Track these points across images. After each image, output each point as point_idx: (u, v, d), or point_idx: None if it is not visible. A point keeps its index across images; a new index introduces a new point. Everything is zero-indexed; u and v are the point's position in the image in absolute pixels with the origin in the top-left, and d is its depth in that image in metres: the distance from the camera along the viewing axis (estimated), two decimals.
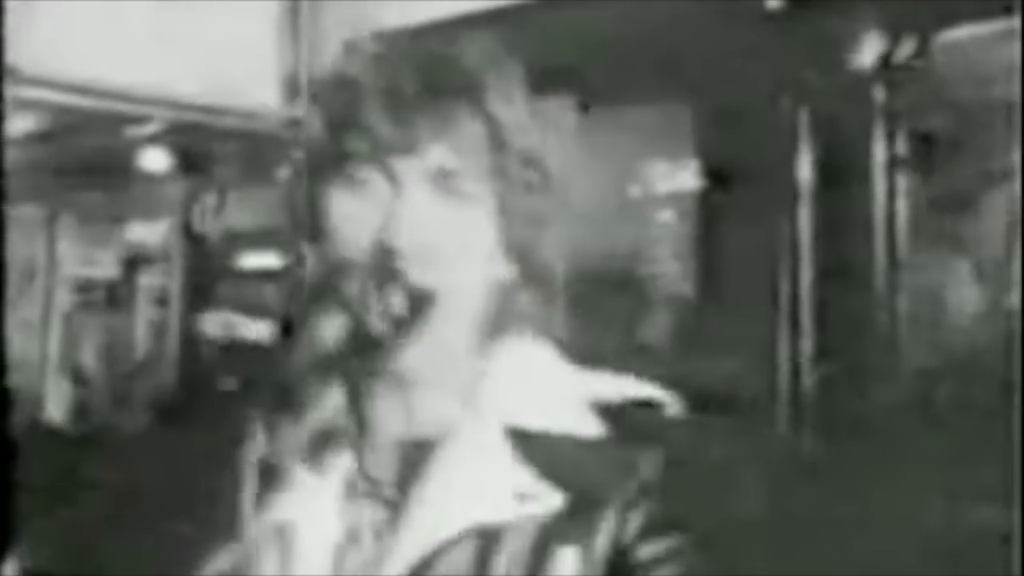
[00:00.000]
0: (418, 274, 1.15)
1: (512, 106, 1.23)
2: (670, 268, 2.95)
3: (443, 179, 1.18)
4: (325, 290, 1.15)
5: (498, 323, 1.26)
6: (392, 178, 1.17)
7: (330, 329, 1.12)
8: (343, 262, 1.16)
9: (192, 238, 5.16)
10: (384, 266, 1.14)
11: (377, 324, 1.14)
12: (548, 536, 1.17)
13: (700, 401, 1.31)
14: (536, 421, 1.23)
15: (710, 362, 2.80)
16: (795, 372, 2.73)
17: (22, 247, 5.51)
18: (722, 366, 2.78)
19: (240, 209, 4.81)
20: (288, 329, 1.18)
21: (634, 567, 1.19)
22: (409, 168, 1.17)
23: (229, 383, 4.25)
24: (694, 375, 2.77)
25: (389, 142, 1.17)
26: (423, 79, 1.19)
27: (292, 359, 1.11)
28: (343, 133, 1.19)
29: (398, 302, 1.15)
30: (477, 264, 1.22)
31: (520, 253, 1.24)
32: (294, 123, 3.35)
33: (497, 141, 1.21)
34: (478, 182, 1.20)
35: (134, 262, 5.46)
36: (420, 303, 1.16)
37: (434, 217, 1.17)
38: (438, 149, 1.18)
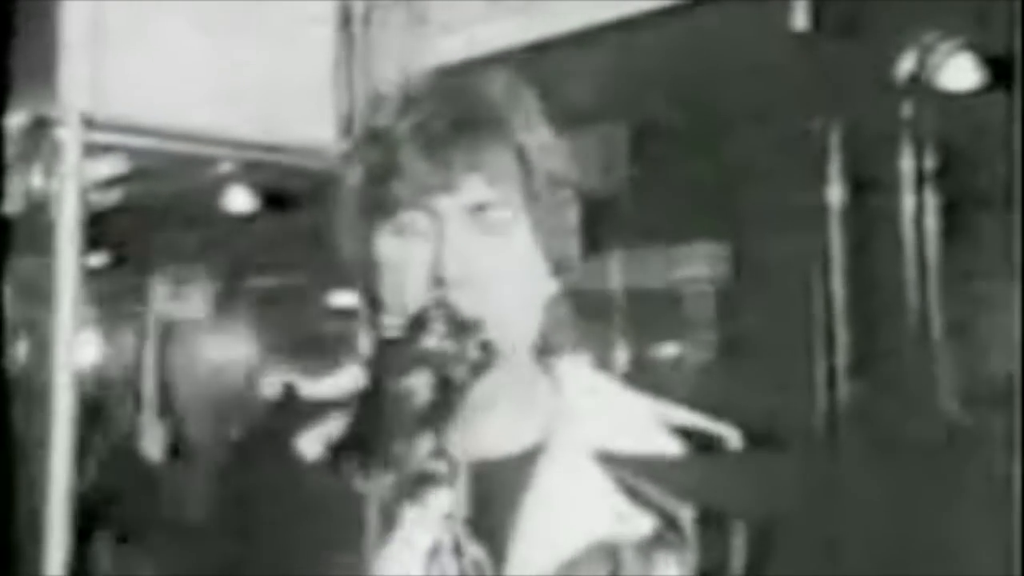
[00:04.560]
0: (472, 301, 1.21)
1: (534, 131, 1.29)
2: (705, 288, 2.98)
3: (481, 211, 1.24)
4: (407, 348, 1.19)
5: (553, 341, 1.33)
6: (434, 217, 1.23)
7: (419, 385, 1.16)
8: (419, 318, 1.20)
9: None
10: (455, 318, 1.20)
11: (460, 373, 1.19)
12: (649, 552, 1.24)
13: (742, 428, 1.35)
14: (619, 444, 1.29)
15: (745, 381, 2.82)
16: (831, 387, 2.73)
17: (117, 287, 5.68)
18: (758, 384, 2.79)
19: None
20: (375, 393, 1.24)
21: None
22: (449, 206, 1.23)
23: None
24: (732, 397, 2.81)
25: (428, 184, 1.23)
26: (451, 116, 1.25)
27: (388, 418, 1.15)
28: (384, 181, 1.25)
29: (473, 350, 1.20)
30: (525, 284, 1.28)
31: (561, 266, 1.31)
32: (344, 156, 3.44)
33: (525, 167, 1.27)
34: (512, 208, 1.26)
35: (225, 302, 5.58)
36: (491, 351, 1.22)
37: (478, 247, 1.23)
38: (474, 184, 1.23)
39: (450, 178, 1.23)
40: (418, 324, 1.20)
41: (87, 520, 3.42)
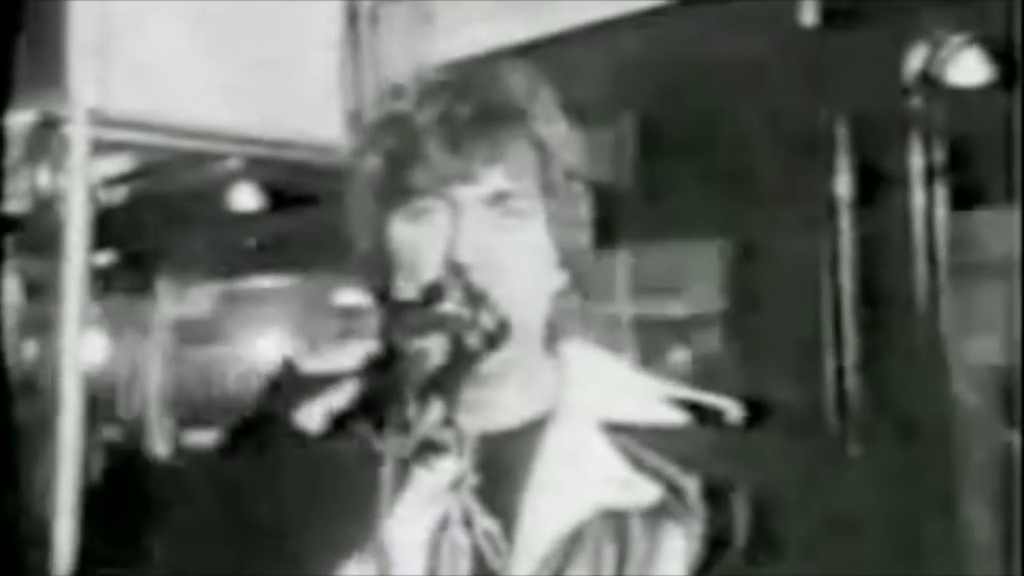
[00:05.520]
0: (487, 282, 1.22)
1: (553, 125, 1.31)
2: (715, 284, 2.99)
3: (499, 201, 1.26)
4: (423, 312, 1.20)
5: (560, 326, 1.35)
6: (453, 205, 1.25)
7: (433, 348, 1.17)
8: (435, 286, 1.22)
9: None
10: (471, 290, 1.21)
11: (473, 341, 1.21)
12: (655, 520, 1.25)
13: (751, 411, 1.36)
14: (623, 414, 1.31)
15: (756, 374, 2.83)
16: (840, 381, 2.73)
17: (124, 286, 5.68)
18: (768, 378, 2.80)
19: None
20: (389, 355, 1.25)
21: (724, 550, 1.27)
22: (467, 195, 1.25)
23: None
24: (742, 385, 2.81)
25: (448, 173, 1.24)
26: (473, 106, 1.26)
27: (401, 379, 1.16)
28: (402, 168, 1.26)
29: (488, 321, 1.22)
30: (536, 274, 1.29)
31: (570, 258, 1.32)
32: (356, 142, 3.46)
33: (544, 160, 1.29)
34: (530, 199, 1.28)
35: (232, 299, 5.60)
36: (506, 326, 1.23)
37: (494, 236, 1.25)
38: (493, 175, 1.25)
39: (471, 169, 1.24)
40: (434, 290, 1.21)
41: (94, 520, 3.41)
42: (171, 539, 1.42)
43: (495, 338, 1.23)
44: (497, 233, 1.25)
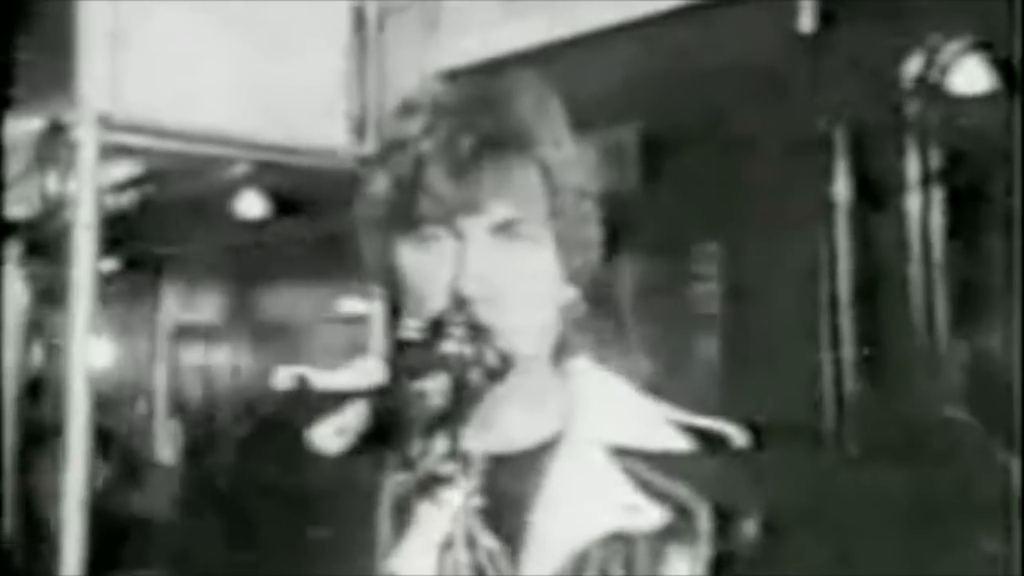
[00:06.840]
0: (491, 315, 1.22)
1: (560, 148, 1.29)
2: (711, 287, 3.00)
3: (505, 229, 1.25)
4: (426, 352, 1.20)
5: (569, 344, 1.35)
6: (458, 236, 1.24)
7: (434, 389, 1.17)
8: (438, 322, 1.21)
9: None
10: (475, 325, 1.21)
11: (475, 378, 1.20)
12: (661, 544, 1.26)
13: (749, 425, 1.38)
14: (630, 438, 1.31)
15: (752, 379, 2.85)
16: (838, 386, 2.75)
17: (130, 292, 5.70)
18: (764, 382, 2.82)
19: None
20: (391, 396, 1.26)
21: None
22: (473, 225, 1.24)
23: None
24: (740, 394, 2.83)
25: (454, 204, 1.23)
26: (479, 133, 1.25)
27: (402, 418, 1.16)
28: (409, 195, 1.25)
29: (491, 357, 1.22)
30: (544, 296, 1.29)
31: (580, 277, 1.32)
32: (363, 161, 3.49)
33: (551, 185, 1.27)
34: (537, 225, 1.27)
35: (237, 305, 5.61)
36: (509, 360, 1.23)
37: (500, 265, 1.24)
38: (499, 204, 1.24)
39: (476, 199, 1.24)
40: (437, 328, 1.21)
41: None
42: (177, 541, 1.44)
43: (498, 372, 1.23)
44: (503, 262, 1.24)
